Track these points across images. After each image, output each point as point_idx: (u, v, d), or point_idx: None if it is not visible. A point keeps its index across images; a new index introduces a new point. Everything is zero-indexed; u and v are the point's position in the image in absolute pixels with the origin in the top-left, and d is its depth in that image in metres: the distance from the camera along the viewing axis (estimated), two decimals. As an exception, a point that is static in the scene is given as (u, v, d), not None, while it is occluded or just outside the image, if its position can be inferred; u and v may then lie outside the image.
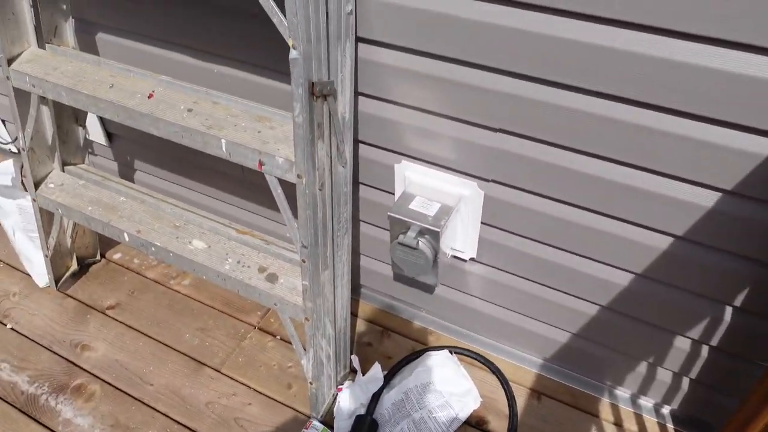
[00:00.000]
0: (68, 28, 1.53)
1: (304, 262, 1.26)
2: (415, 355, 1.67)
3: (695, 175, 1.10)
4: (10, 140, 2.34)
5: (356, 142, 1.44)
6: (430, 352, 1.66)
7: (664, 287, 1.29)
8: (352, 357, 1.63)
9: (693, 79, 0.98)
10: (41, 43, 1.50)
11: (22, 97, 1.51)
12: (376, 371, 1.59)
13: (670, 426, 1.55)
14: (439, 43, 1.17)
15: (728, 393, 1.40)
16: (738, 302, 1.22)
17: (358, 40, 1.25)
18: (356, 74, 1.30)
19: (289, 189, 1.22)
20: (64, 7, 1.49)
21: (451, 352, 1.68)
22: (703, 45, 0.95)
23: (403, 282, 1.74)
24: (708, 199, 1.12)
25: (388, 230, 1.61)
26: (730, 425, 1.27)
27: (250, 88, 1.50)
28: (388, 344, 1.75)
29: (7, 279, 1.96)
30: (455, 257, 1.54)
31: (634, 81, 1.03)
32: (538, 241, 1.39)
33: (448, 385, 1.57)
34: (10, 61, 1.45)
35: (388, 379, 1.60)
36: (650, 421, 1.56)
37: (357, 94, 1.34)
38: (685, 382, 1.46)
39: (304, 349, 1.45)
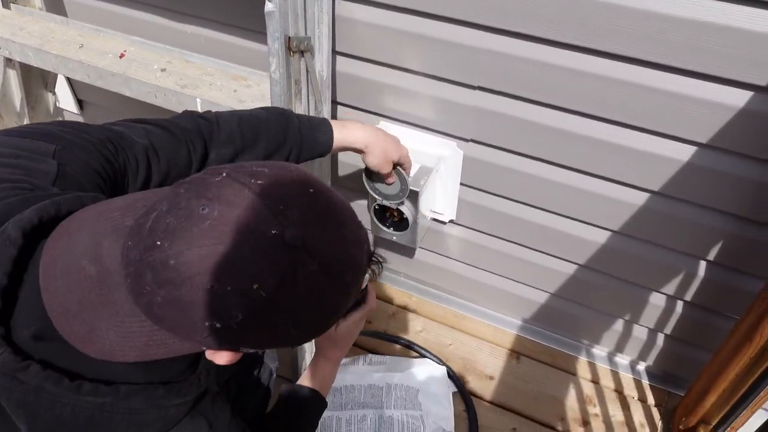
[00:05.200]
0: (34, -13, 1.48)
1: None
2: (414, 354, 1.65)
3: (672, 129, 1.10)
4: (-24, 110, 2.27)
5: (334, 103, 1.42)
6: (430, 361, 1.62)
7: (641, 243, 1.31)
8: None
9: (673, 30, 0.99)
10: (6, 4, 1.46)
11: (-13, 59, 1.47)
12: None
13: (645, 382, 1.58)
14: (416, -2, 1.15)
15: (702, 347, 1.44)
16: (711, 256, 1.25)
17: (335, -5, 1.23)
18: (334, 32, 1.28)
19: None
20: (29, -35, 1.44)
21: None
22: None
23: (383, 246, 1.74)
24: (684, 153, 1.13)
25: (365, 197, 1.60)
26: (703, 377, 1.31)
27: (226, 50, 1.47)
28: (368, 309, 1.76)
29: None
30: (435, 219, 1.54)
31: (617, 33, 1.03)
32: (518, 201, 1.39)
33: (432, 402, 1.51)
34: (-27, 21, 1.40)
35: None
36: (626, 377, 1.59)
37: (335, 52, 1.32)
38: (660, 338, 1.49)
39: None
